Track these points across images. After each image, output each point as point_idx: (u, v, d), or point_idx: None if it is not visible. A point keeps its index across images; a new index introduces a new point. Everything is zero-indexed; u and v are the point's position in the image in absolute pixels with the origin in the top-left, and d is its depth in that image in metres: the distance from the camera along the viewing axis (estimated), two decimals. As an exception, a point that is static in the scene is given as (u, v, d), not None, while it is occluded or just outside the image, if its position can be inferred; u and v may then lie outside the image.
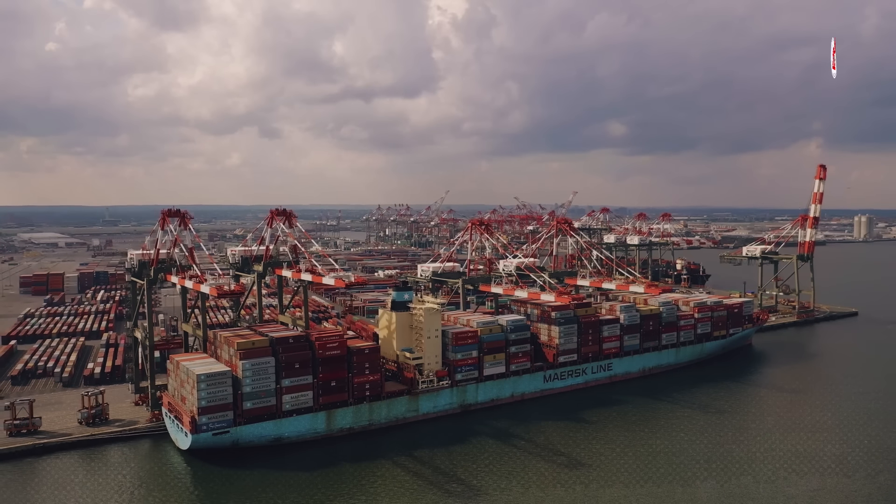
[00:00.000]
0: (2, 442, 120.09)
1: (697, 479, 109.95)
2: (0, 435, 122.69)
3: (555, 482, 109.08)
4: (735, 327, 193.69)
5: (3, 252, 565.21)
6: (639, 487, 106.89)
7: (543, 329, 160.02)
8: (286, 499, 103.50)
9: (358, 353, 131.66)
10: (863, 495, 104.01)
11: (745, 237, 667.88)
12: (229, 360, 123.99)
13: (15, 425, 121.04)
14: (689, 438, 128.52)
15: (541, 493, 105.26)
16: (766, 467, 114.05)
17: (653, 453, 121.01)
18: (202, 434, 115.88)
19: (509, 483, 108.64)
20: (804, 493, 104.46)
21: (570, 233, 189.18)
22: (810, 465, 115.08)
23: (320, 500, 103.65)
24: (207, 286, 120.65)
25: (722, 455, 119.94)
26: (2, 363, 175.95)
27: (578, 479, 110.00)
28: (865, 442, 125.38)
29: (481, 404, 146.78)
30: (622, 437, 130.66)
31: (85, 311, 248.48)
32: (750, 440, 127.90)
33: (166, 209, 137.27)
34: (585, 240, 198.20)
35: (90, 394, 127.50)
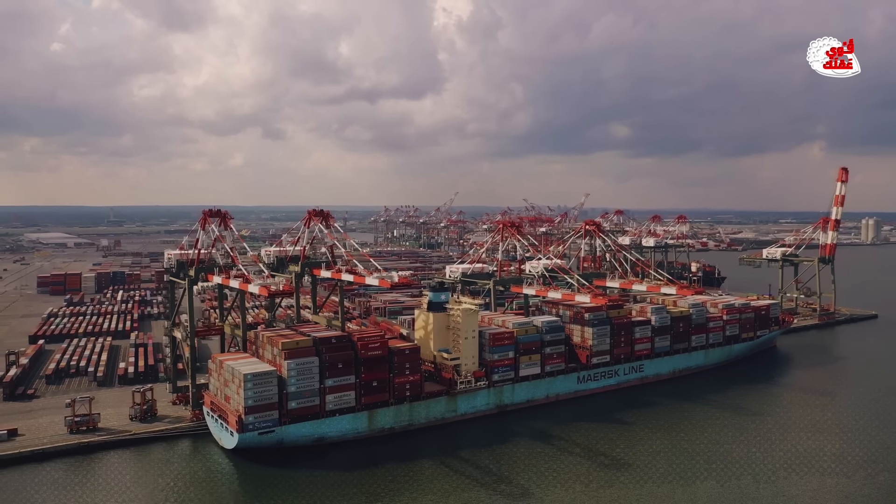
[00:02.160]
0: (63, 438, 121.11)
1: (734, 478, 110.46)
2: (61, 431, 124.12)
3: (596, 482, 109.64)
4: (762, 329, 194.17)
5: (14, 252, 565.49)
6: (675, 486, 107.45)
7: (576, 330, 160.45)
8: (332, 498, 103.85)
9: (399, 353, 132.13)
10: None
11: (752, 239, 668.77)
12: (273, 359, 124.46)
13: (76, 422, 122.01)
14: (726, 440, 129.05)
15: (583, 493, 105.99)
16: (811, 468, 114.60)
17: (689, 453, 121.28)
18: (248, 433, 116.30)
19: (551, 483, 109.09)
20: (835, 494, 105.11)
21: (599, 235, 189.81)
22: (851, 465, 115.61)
23: (366, 499, 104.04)
24: (256, 286, 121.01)
25: (759, 455, 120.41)
26: (32, 362, 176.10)
27: (618, 479, 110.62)
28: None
29: (517, 405, 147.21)
30: (659, 437, 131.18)
31: (107, 311, 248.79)
32: (794, 442, 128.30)
33: (207, 209, 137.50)
34: (615, 242, 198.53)
35: (141, 390, 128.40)
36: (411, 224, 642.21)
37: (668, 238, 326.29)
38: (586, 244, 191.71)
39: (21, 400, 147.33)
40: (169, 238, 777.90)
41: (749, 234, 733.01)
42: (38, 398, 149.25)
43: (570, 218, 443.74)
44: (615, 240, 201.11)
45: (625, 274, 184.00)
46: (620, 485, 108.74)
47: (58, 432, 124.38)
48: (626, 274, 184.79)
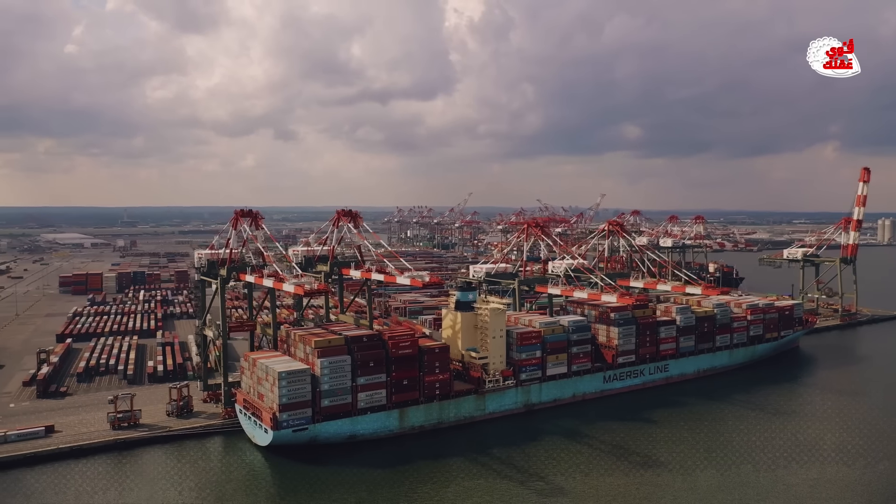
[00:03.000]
0: (101, 434, 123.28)
1: (770, 477, 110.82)
2: (102, 427, 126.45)
3: (627, 480, 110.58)
4: (786, 330, 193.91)
5: (32, 252, 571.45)
6: (705, 483, 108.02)
7: (602, 330, 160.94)
8: (366, 495, 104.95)
9: (429, 352, 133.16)
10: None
11: (766, 240, 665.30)
12: (305, 357, 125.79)
13: (118, 418, 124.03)
14: (756, 440, 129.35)
15: (613, 491, 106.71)
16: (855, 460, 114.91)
17: (721, 453, 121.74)
18: (283, 431, 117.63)
19: (583, 481, 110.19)
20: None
21: (622, 235, 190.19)
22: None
23: (398, 496, 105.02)
24: (291, 284, 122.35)
25: (791, 455, 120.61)
26: (62, 360, 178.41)
27: (649, 477, 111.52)
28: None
29: (544, 404, 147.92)
30: (688, 436, 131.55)
31: (131, 311, 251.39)
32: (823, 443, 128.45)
33: (239, 209, 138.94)
34: (640, 242, 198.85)
35: (177, 387, 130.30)
36: (425, 224, 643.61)
37: (686, 238, 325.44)
38: (609, 244, 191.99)
39: (54, 397, 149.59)
40: (183, 239, 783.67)
41: (763, 235, 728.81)
42: (71, 395, 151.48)
43: (587, 218, 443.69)
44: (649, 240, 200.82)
45: (649, 274, 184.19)
46: (651, 483, 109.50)
47: (99, 428, 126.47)
48: (651, 274, 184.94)
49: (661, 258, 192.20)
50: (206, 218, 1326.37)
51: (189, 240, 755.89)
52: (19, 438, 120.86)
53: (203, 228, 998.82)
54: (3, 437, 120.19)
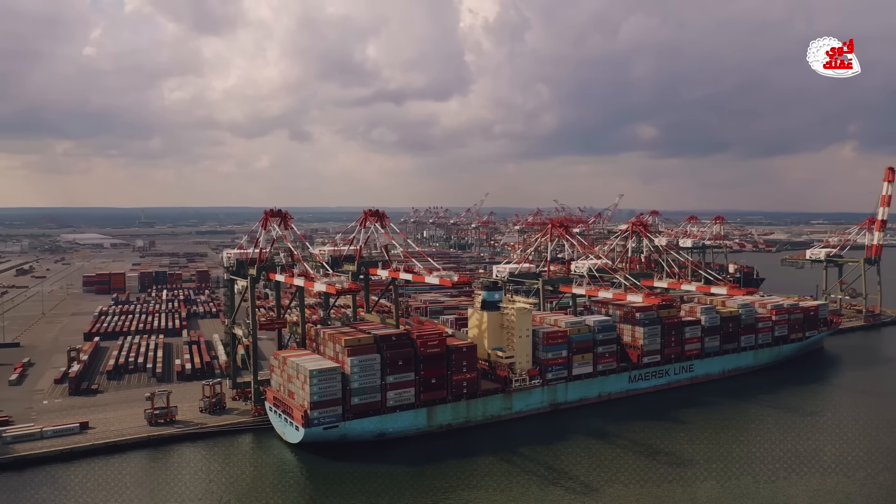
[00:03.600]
0: (133, 430, 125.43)
1: (794, 476, 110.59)
2: (139, 423, 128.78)
3: (655, 479, 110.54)
4: (811, 330, 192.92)
5: (53, 252, 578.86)
6: (734, 484, 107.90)
7: (627, 330, 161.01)
8: (396, 492, 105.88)
9: (457, 351, 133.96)
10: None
11: (785, 240, 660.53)
12: (335, 356, 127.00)
13: (155, 414, 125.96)
14: (784, 439, 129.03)
15: (642, 489, 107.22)
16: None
17: (748, 452, 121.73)
18: (314, 428, 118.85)
19: (611, 479, 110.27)
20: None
21: (646, 235, 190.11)
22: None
23: (428, 493, 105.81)
24: (323, 284, 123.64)
25: (818, 455, 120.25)
26: (91, 358, 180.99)
27: (677, 476, 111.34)
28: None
29: (570, 403, 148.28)
30: (716, 436, 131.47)
31: (155, 310, 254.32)
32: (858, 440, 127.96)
33: (269, 209, 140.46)
34: (663, 242, 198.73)
35: (210, 384, 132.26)
36: (441, 225, 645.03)
37: (706, 239, 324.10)
38: (633, 244, 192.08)
39: (86, 395, 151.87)
40: (201, 239, 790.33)
41: (781, 236, 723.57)
42: (102, 393, 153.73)
43: (604, 219, 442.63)
44: (671, 240, 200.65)
45: (673, 274, 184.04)
46: (679, 481, 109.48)
47: (132, 424, 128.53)
48: (674, 275, 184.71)
49: (686, 258, 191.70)
50: (221, 219, 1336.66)
51: (206, 240, 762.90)
52: (55, 434, 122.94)
53: (219, 229, 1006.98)
54: (39, 434, 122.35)
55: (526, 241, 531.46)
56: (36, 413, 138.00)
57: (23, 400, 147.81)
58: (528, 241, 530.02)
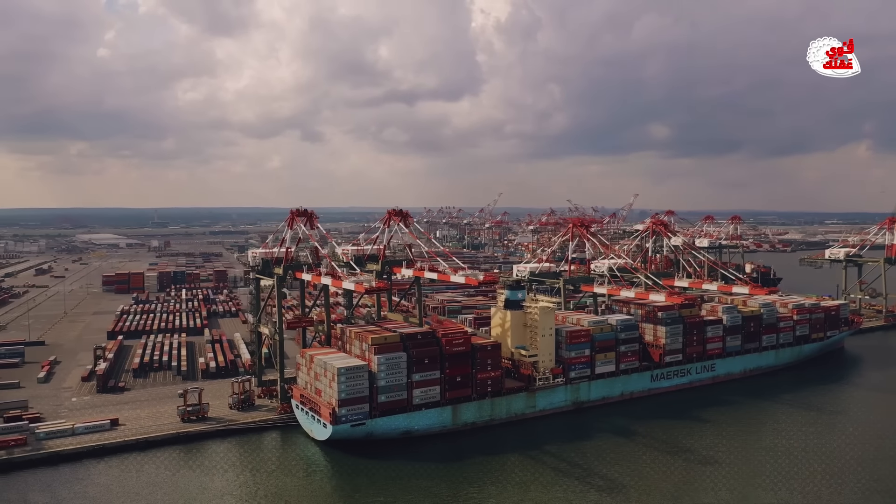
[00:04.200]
0: (169, 427, 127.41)
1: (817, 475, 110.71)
2: (172, 419, 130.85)
3: (682, 479, 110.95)
4: (832, 330, 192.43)
5: (70, 252, 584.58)
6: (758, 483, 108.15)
7: (648, 329, 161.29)
8: (423, 489, 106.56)
9: (481, 349, 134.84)
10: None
11: (800, 240, 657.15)
12: (361, 354, 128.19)
13: (188, 411, 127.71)
14: (809, 439, 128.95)
15: (668, 486, 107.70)
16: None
17: (772, 452, 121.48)
18: (342, 425, 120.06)
19: (637, 477, 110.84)
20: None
21: (666, 234, 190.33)
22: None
23: (458, 489, 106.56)
24: (352, 282, 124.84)
25: (842, 454, 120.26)
26: (116, 357, 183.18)
27: (704, 476, 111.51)
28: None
29: (593, 402, 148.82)
30: (740, 436, 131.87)
31: (175, 309, 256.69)
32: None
33: (295, 209, 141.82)
34: (679, 242, 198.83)
35: (239, 381, 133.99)
36: (455, 225, 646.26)
37: (723, 238, 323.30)
38: (653, 244, 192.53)
39: (113, 392, 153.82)
40: (215, 239, 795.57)
41: (796, 236, 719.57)
42: (129, 391, 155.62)
43: (619, 218, 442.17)
44: (688, 240, 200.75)
45: (694, 273, 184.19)
46: (705, 479, 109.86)
47: (161, 421, 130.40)
48: (696, 274, 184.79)
49: (708, 258, 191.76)
50: (234, 219, 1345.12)
51: (220, 240, 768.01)
52: (86, 431, 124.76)
53: (232, 229, 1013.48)
54: (71, 430, 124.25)
55: (539, 240, 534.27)
56: (66, 410, 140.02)
57: (52, 397, 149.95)
58: (541, 240, 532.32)
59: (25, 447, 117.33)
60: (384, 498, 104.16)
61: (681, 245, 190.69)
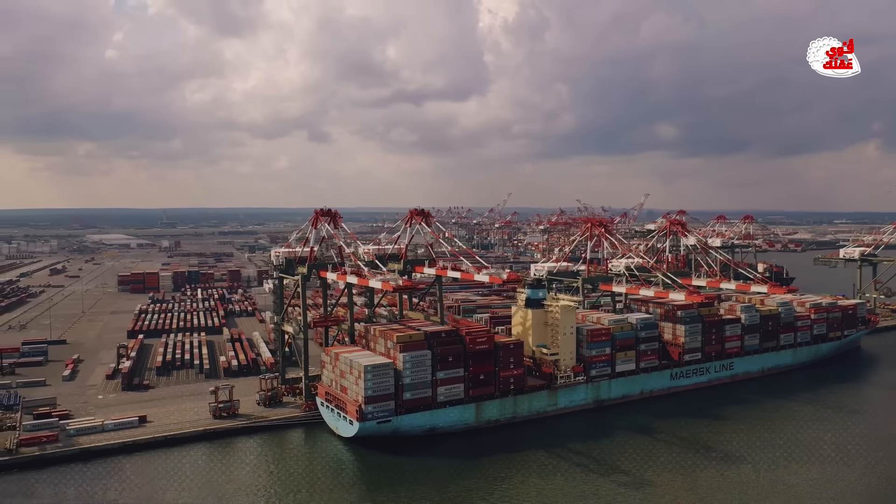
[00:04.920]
0: (200, 423, 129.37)
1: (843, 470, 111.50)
2: (192, 417, 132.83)
3: (706, 476, 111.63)
4: (849, 329, 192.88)
5: (82, 252, 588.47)
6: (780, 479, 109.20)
7: (668, 328, 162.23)
8: (450, 484, 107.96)
9: (504, 348, 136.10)
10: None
11: (810, 240, 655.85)
12: (386, 352, 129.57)
13: (219, 408, 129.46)
14: (831, 436, 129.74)
15: (693, 482, 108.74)
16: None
17: (793, 450, 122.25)
18: (368, 422, 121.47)
19: (663, 474, 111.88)
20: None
21: (683, 234, 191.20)
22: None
23: (483, 486, 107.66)
24: (378, 281, 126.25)
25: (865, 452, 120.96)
26: (138, 355, 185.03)
27: (728, 473, 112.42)
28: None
29: (613, 400, 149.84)
30: (762, 434, 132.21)
31: (192, 308, 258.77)
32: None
33: (319, 209, 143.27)
34: (691, 241, 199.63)
35: (266, 378, 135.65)
36: (464, 225, 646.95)
37: (736, 238, 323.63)
38: (669, 242, 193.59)
39: (138, 390, 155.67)
40: (224, 240, 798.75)
41: (805, 235, 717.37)
42: (153, 388, 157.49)
43: (630, 218, 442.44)
44: (701, 239, 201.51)
45: (711, 273, 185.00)
46: (729, 476, 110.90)
47: (188, 418, 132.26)
48: (714, 274, 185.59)
49: (726, 257, 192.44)
50: (242, 219, 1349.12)
51: (230, 241, 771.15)
52: (115, 427, 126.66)
53: (241, 229, 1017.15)
54: (101, 427, 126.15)
55: (549, 240, 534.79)
56: (93, 407, 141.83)
57: (78, 395, 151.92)
58: (551, 240, 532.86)
59: (57, 443, 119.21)
60: (411, 493, 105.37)
61: (698, 245, 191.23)
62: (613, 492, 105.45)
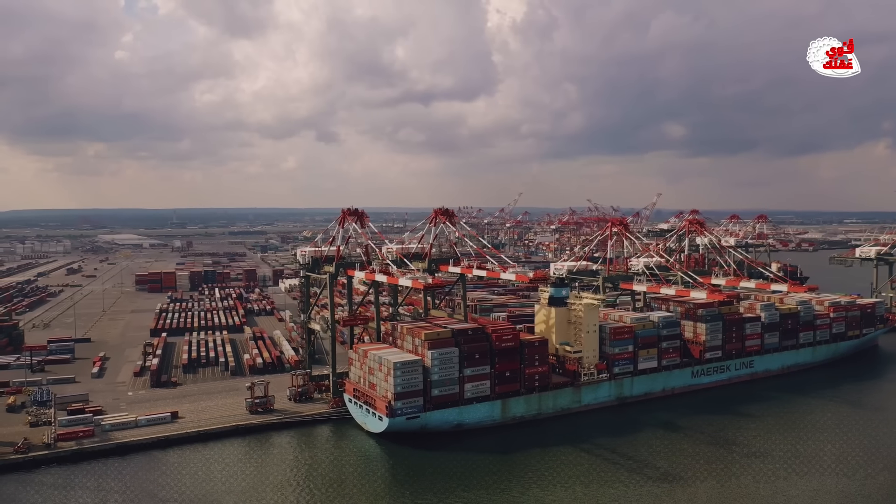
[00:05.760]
0: (231, 419, 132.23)
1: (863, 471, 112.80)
2: (222, 413, 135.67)
3: (732, 472, 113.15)
4: (868, 328, 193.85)
5: (96, 253, 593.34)
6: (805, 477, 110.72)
7: (688, 326, 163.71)
8: (477, 480, 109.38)
9: (529, 345, 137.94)
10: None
11: (821, 240, 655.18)
12: (414, 349, 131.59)
13: (255, 403, 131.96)
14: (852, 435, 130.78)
15: (721, 478, 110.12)
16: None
17: (817, 448, 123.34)
18: (397, 418, 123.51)
19: (690, 469, 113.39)
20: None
21: (702, 232, 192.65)
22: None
23: (511, 480, 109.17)
24: (408, 279, 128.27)
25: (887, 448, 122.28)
26: (163, 353, 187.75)
27: (754, 468, 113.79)
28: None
29: (635, 397, 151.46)
30: (787, 432, 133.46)
31: (212, 307, 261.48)
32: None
33: (346, 209, 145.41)
34: (705, 241, 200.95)
35: (297, 374, 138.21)
36: (474, 225, 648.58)
37: (749, 238, 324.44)
38: (688, 241, 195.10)
39: (166, 387, 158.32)
40: (235, 240, 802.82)
41: (816, 235, 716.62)
42: (181, 385, 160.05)
43: (643, 218, 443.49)
44: (715, 238, 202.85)
45: (731, 272, 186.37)
46: (753, 470, 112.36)
47: (220, 414, 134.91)
48: (734, 272, 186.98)
49: (746, 256, 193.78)
50: (251, 219, 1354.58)
51: (240, 241, 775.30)
52: (149, 423, 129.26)
53: (251, 229, 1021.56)
54: (134, 422, 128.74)
55: (560, 240, 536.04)
56: (124, 403, 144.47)
57: (108, 391, 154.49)
58: (561, 240, 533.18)
59: (93, 438, 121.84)
60: (443, 486, 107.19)
61: (717, 244, 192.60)
62: (645, 486, 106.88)
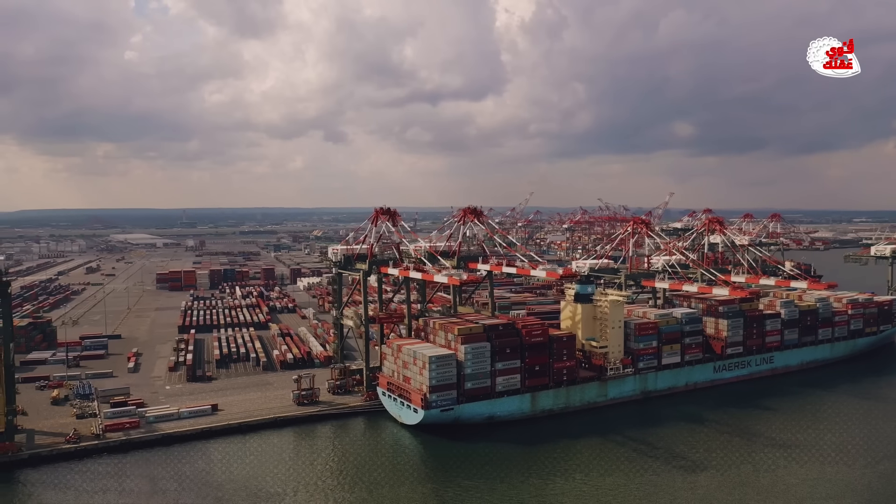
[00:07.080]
0: (282, 409, 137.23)
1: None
2: (261, 406, 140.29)
3: (759, 460, 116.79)
4: (885, 324, 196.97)
5: (111, 252, 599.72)
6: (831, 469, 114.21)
7: (710, 322, 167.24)
8: (511, 470, 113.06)
9: (558, 340, 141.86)
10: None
11: (832, 238, 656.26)
12: (447, 344, 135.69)
13: (302, 395, 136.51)
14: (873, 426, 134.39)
15: (748, 468, 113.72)
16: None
17: (841, 440, 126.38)
18: (432, 411, 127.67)
19: (717, 460, 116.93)
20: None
21: (721, 231, 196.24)
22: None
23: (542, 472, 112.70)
24: (444, 276, 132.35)
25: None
26: (194, 349, 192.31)
27: (781, 458, 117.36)
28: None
29: (659, 392, 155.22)
30: (810, 425, 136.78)
31: (235, 305, 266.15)
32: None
33: (379, 207, 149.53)
34: (718, 239, 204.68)
35: (340, 367, 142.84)
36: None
37: (763, 236, 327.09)
38: (707, 240, 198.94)
39: (201, 381, 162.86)
40: (246, 239, 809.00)
41: (826, 233, 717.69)
42: (216, 380, 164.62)
43: (654, 217, 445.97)
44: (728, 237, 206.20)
45: (750, 269, 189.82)
46: (779, 460, 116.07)
47: (258, 406, 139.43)
48: (752, 270, 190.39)
49: (766, 254, 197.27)
50: (259, 219, 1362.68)
51: (252, 240, 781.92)
52: (190, 415, 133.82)
53: (261, 229, 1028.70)
54: (177, 414, 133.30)
55: (571, 239, 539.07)
56: (164, 396, 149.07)
57: (146, 385, 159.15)
58: (573, 239, 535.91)
59: (139, 429, 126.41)
60: (475, 476, 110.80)
61: (729, 242, 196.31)
62: (675, 476, 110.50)
